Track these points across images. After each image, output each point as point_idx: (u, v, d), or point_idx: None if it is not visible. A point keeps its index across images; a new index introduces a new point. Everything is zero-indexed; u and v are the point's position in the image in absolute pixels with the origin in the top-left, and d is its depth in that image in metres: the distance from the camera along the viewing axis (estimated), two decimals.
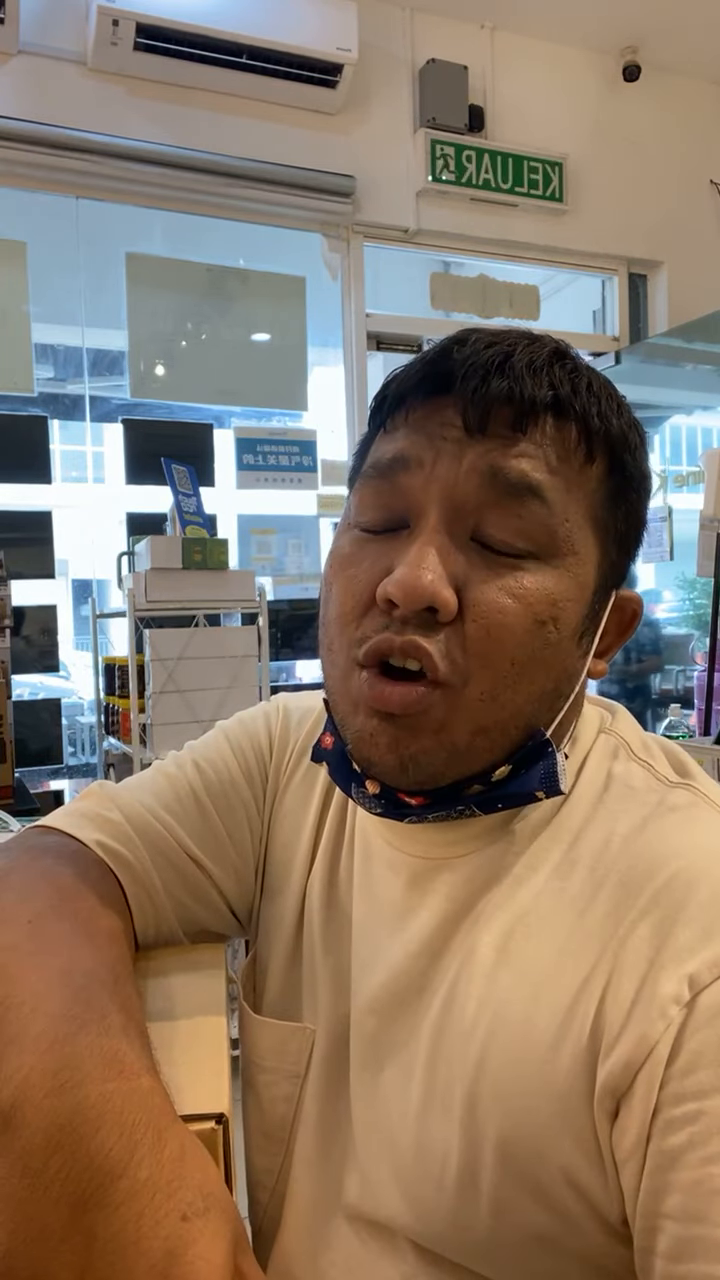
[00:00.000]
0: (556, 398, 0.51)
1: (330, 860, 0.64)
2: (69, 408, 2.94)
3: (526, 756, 0.52)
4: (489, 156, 3.02)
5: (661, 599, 3.48)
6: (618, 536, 0.54)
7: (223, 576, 2.41)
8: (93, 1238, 0.35)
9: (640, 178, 3.27)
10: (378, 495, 0.53)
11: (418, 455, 0.51)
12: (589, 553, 0.52)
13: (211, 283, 2.92)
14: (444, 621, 0.49)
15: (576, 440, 0.51)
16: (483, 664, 0.49)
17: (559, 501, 0.50)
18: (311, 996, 0.62)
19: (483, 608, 0.49)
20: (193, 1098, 0.40)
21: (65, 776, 2.90)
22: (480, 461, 0.50)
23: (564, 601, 0.50)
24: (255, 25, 2.59)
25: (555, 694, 0.52)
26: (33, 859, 0.58)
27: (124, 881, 0.60)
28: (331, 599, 0.54)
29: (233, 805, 0.66)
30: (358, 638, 0.52)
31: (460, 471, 0.50)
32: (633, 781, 0.55)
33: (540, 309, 3.29)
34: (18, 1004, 0.44)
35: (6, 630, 2.31)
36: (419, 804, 0.52)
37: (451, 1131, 0.51)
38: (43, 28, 2.52)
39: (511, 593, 0.49)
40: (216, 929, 0.67)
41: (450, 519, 0.50)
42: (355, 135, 2.90)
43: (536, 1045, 0.49)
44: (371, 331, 3.06)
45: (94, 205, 2.71)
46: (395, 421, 0.53)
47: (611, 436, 0.53)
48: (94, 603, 2.78)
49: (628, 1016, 0.45)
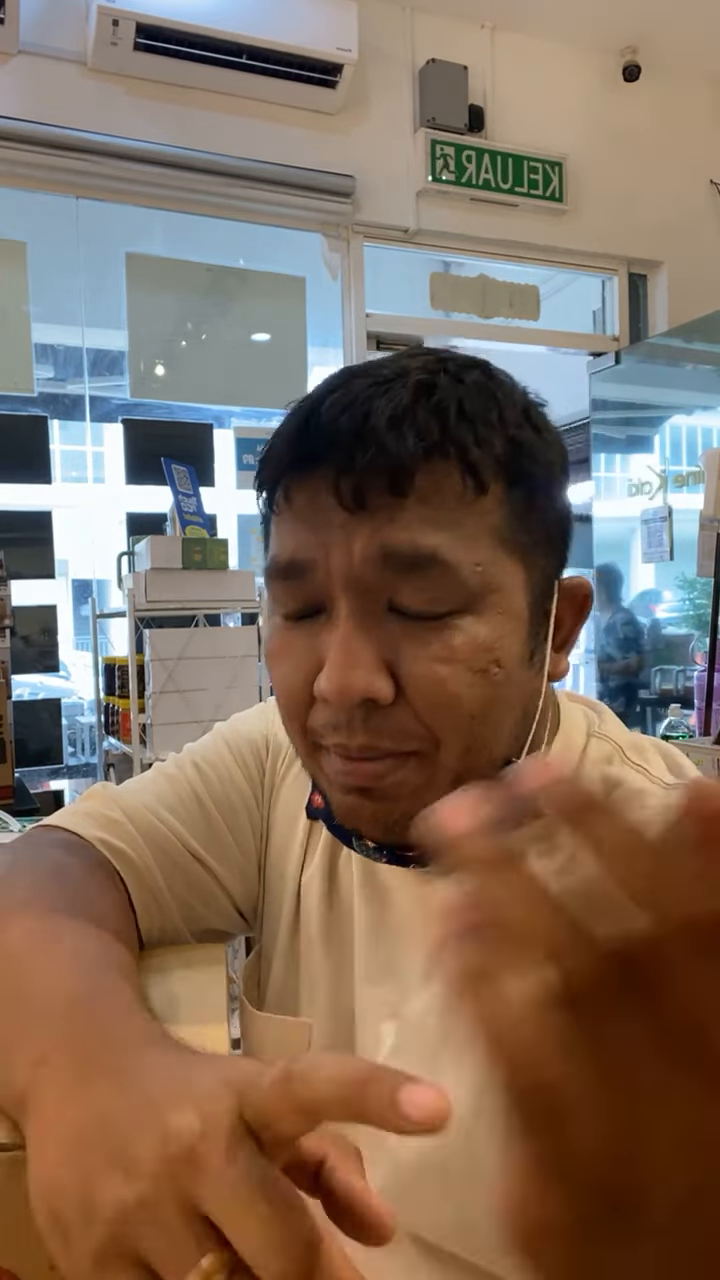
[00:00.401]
0: (427, 448, 0.48)
1: (328, 855, 0.64)
2: (69, 408, 2.94)
3: None
4: (489, 156, 3.02)
5: (661, 599, 3.48)
6: (538, 544, 0.53)
7: (223, 576, 2.41)
8: (139, 1080, 0.36)
9: (640, 178, 3.27)
10: (287, 593, 0.53)
11: (309, 556, 0.50)
12: (513, 580, 0.51)
13: (211, 283, 2.92)
14: (386, 704, 0.49)
15: (461, 479, 0.49)
16: (444, 728, 0.50)
17: (462, 554, 0.48)
18: (310, 991, 0.63)
19: (420, 681, 0.49)
20: None
21: (65, 776, 2.90)
22: (369, 545, 0.48)
23: (498, 642, 0.50)
24: (255, 25, 2.59)
25: (523, 720, 0.53)
26: (38, 858, 0.59)
27: (128, 881, 0.61)
28: (277, 685, 0.55)
29: (233, 804, 0.67)
30: (310, 727, 0.53)
31: (355, 560, 0.48)
32: (632, 786, 0.55)
33: (540, 309, 3.29)
34: (33, 995, 0.45)
35: (6, 630, 2.31)
36: (418, 853, 0.54)
37: (460, 1125, 0.51)
38: (43, 28, 2.52)
39: (442, 659, 0.49)
40: (222, 927, 0.68)
41: (361, 602, 0.49)
42: (355, 135, 2.90)
43: None
44: (371, 331, 3.06)
45: (94, 205, 2.71)
46: (279, 505, 0.52)
47: (498, 458, 0.50)
48: (94, 603, 2.78)
49: None
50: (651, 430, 3.43)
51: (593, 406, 3.40)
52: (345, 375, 0.51)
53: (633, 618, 3.52)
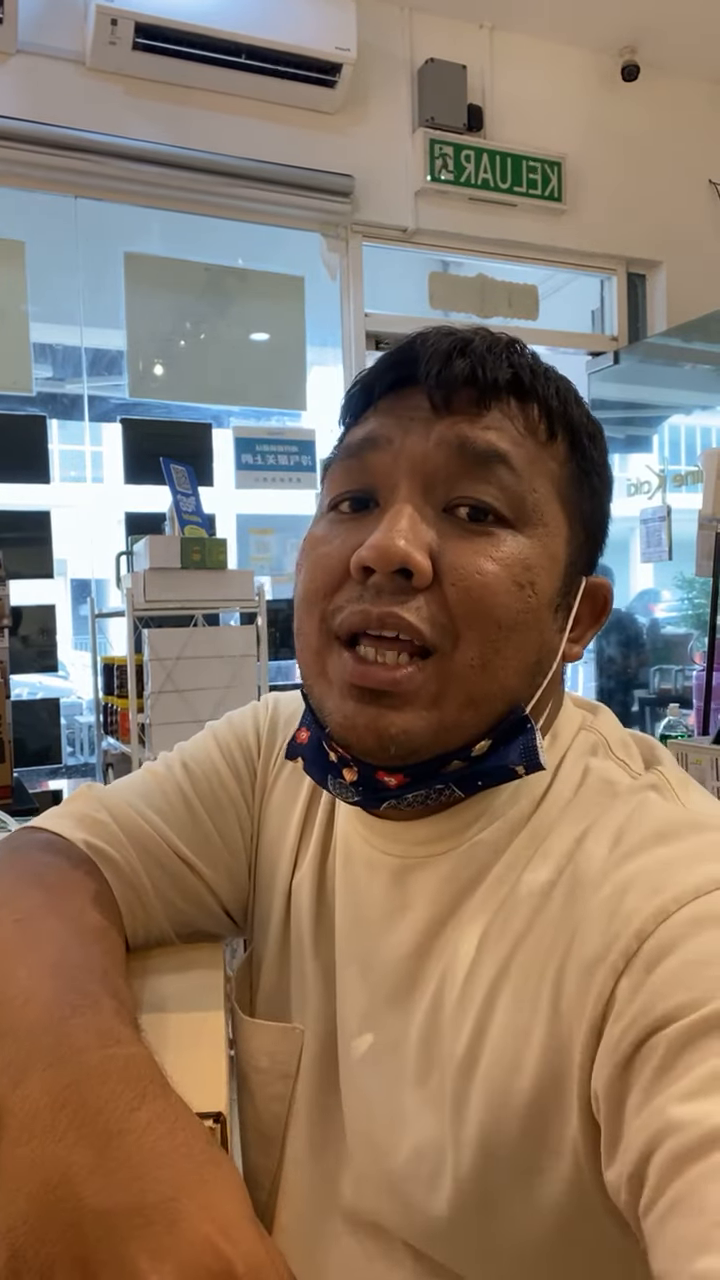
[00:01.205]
0: (517, 377, 0.53)
1: (318, 859, 0.63)
2: (67, 407, 2.94)
3: (506, 732, 0.52)
4: (488, 156, 3.02)
5: (660, 599, 3.48)
6: (584, 517, 0.55)
7: (221, 576, 2.41)
8: (127, 1158, 0.35)
9: (639, 177, 3.27)
10: (348, 474, 0.54)
11: (386, 434, 0.53)
12: (558, 526, 0.53)
13: (210, 282, 2.92)
14: (420, 587, 0.49)
15: (538, 418, 0.53)
16: (469, 625, 0.49)
17: (525, 471, 0.52)
18: (300, 996, 0.62)
19: (460, 570, 0.49)
20: (190, 1097, 0.40)
21: (64, 776, 2.90)
22: (448, 433, 0.51)
23: (538, 568, 0.51)
24: (254, 25, 2.59)
25: (536, 668, 0.53)
26: (19, 859, 0.58)
27: (112, 882, 0.60)
28: (302, 579, 0.54)
29: (222, 804, 0.66)
30: (331, 610, 0.52)
31: (429, 444, 0.51)
32: (608, 776, 0.55)
33: (539, 309, 3.29)
34: (8, 999, 0.44)
35: (5, 630, 2.31)
36: (398, 783, 0.52)
37: (441, 1132, 0.51)
38: (41, 27, 2.52)
39: (488, 556, 0.50)
40: (210, 929, 0.67)
41: (422, 490, 0.51)
42: (354, 135, 2.90)
43: (512, 1039, 0.49)
44: (370, 331, 3.06)
45: (92, 205, 2.71)
46: (364, 415, 0.55)
47: (571, 418, 0.55)
48: (92, 602, 2.78)
49: (586, 992, 0.45)
50: (650, 430, 3.43)
51: (592, 406, 3.39)
52: (443, 325, 0.57)
53: (630, 618, 3.52)
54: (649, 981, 0.42)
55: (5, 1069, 0.39)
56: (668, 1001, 0.40)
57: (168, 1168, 0.34)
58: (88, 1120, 0.36)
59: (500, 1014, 0.50)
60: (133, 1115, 0.36)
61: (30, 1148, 0.35)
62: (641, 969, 0.42)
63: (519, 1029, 0.49)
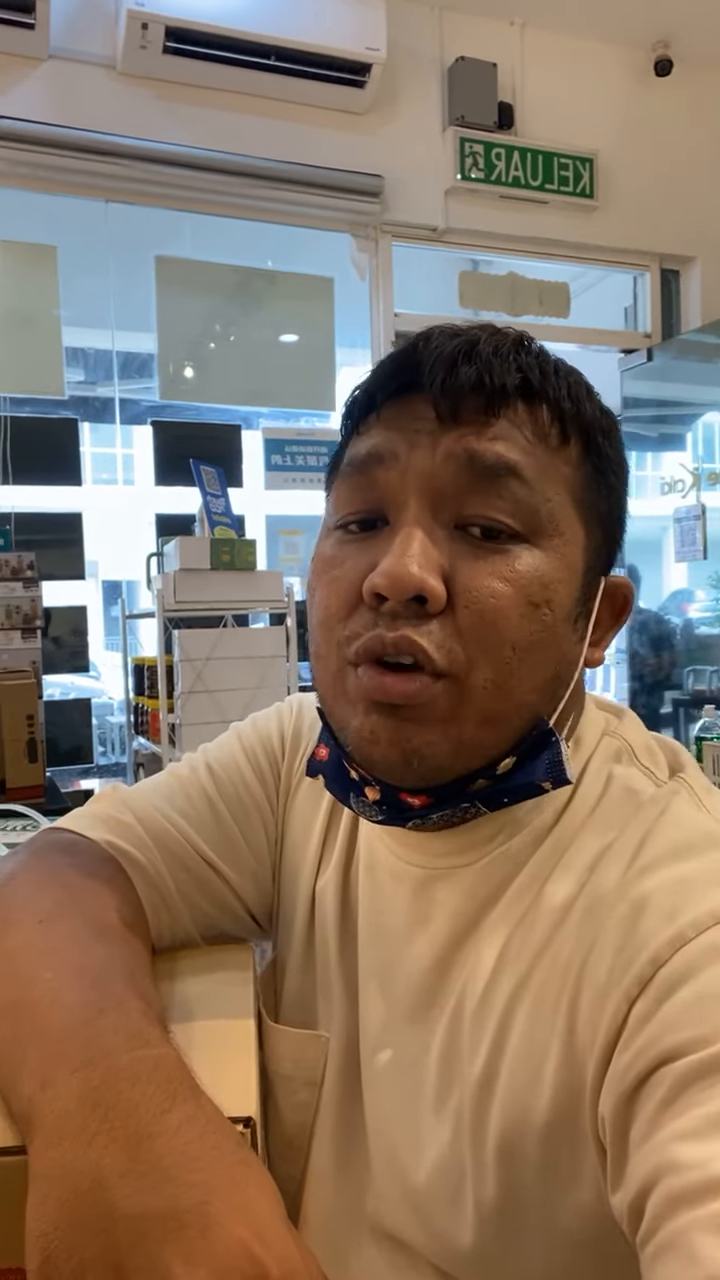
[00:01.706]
0: (526, 381, 0.50)
1: (342, 864, 0.62)
2: (99, 410, 2.97)
3: (531, 748, 0.51)
4: (518, 154, 3.00)
5: (694, 599, 3.44)
6: (601, 518, 0.53)
7: (251, 577, 2.41)
8: (158, 1160, 0.34)
9: (672, 172, 3.23)
10: (355, 491, 0.52)
11: (392, 449, 0.50)
12: (575, 534, 0.51)
13: (240, 284, 2.93)
14: (434, 612, 0.48)
15: (549, 422, 0.51)
16: (482, 650, 0.48)
17: (538, 481, 0.49)
18: (326, 1004, 0.61)
19: (474, 594, 0.48)
20: (220, 1101, 0.39)
21: (95, 776, 2.92)
22: (456, 447, 0.49)
23: (555, 583, 0.49)
24: (283, 26, 2.60)
25: (556, 681, 0.51)
26: (42, 860, 0.58)
27: (136, 883, 0.60)
28: (316, 602, 0.53)
29: (246, 807, 0.65)
30: (346, 636, 0.50)
31: (436, 460, 0.49)
32: (632, 784, 0.54)
33: (570, 306, 3.27)
34: (34, 1002, 0.43)
35: (38, 631, 2.33)
36: (422, 804, 0.51)
37: (461, 1151, 0.50)
38: (73, 32, 2.54)
39: (502, 577, 0.48)
40: (234, 932, 0.66)
41: (432, 508, 0.49)
42: (384, 134, 2.90)
43: (531, 1053, 0.48)
44: (400, 331, 3.05)
45: (123, 209, 2.73)
46: (368, 422, 0.53)
47: (584, 418, 0.52)
48: (123, 603, 2.80)
49: (600, 1014, 0.44)
50: (684, 428, 3.39)
51: (624, 404, 3.37)
52: (447, 325, 0.54)
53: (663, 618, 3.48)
54: (661, 1012, 0.41)
55: (34, 1071, 0.39)
56: (678, 1035, 0.40)
57: (200, 1170, 0.34)
58: (118, 1122, 0.35)
59: (518, 1031, 0.49)
60: (163, 1118, 0.36)
61: (61, 1150, 0.35)
62: (654, 997, 0.42)
63: (536, 1047, 0.48)
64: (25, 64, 2.51)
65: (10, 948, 0.48)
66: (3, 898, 0.54)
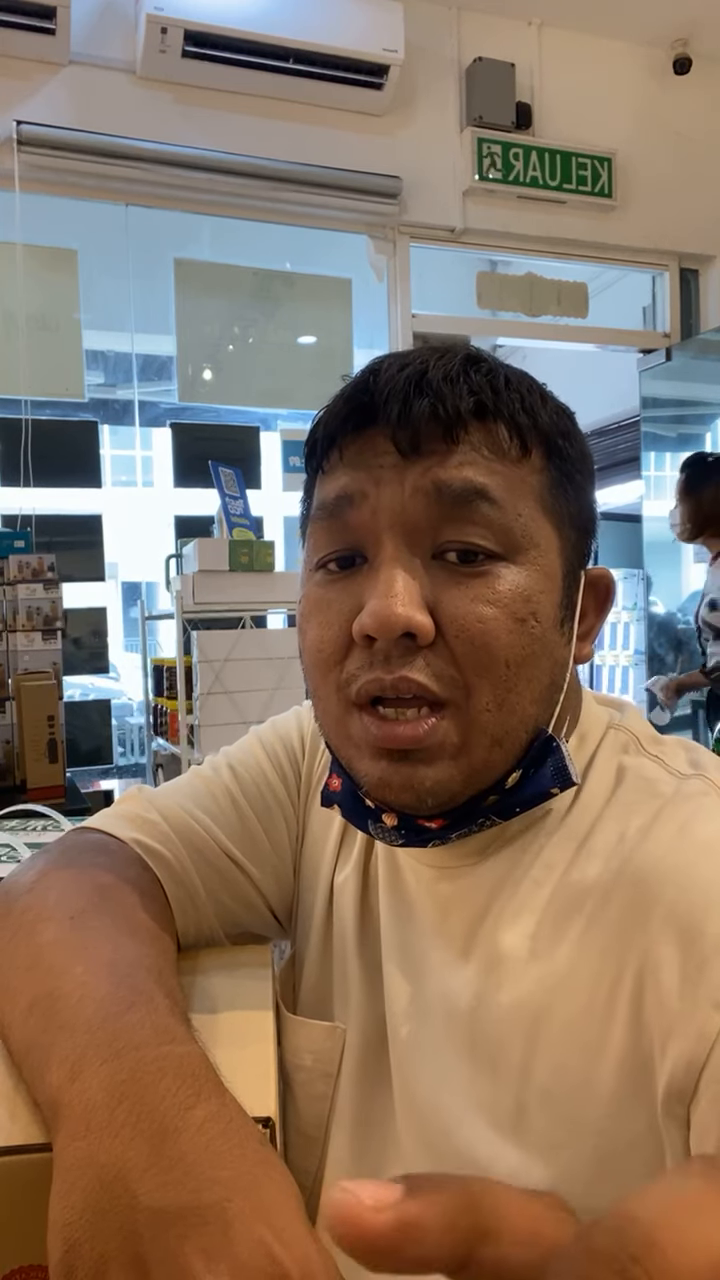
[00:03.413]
0: (479, 403, 0.51)
1: (361, 860, 0.64)
2: (119, 413, 2.99)
3: (535, 758, 0.52)
4: (536, 154, 2.99)
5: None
6: (572, 518, 0.54)
7: (269, 578, 2.42)
8: (182, 1156, 0.35)
9: (691, 171, 3.21)
10: (330, 534, 0.53)
11: (360, 489, 0.51)
12: (549, 541, 0.52)
13: (258, 287, 2.94)
14: (425, 645, 0.49)
15: (508, 438, 0.51)
16: (479, 674, 0.49)
17: (506, 499, 0.50)
18: (343, 995, 0.62)
19: (461, 621, 0.49)
20: (240, 1099, 0.40)
21: (115, 776, 2.94)
22: (422, 480, 0.50)
23: (537, 595, 0.51)
24: (301, 29, 2.60)
25: (552, 687, 0.53)
26: (74, 859, 0.59)
27: (164, 881, 0.61)
28: (309, 646, 0.54)
29: (269, 806, 0.67)
30: (344, 679, 0.52)
31: (405, 495, 0.50)
32: (645, 774, 0.54)
33: (589, 306, 3.26)
34: (65, 994, 0.44)
35: (58, 632, 2.35)
36: (439, 826, 0.52)
37: (501, 1142, 0.50)
38: (93, 38, 2.56)
39: (486, 600, 0.49)
40: (257, 930, 0.67)
41: (407, 543, 0.50)
42: (401, 136, 2.90)
43: (578, 1049, 0.48)
44: (418, 332, 3.05)
45: (143, 212, 2.75)
46: (330, 461, 0.53)
47: (541, 427, 0.53)
48: (143, 605, 2.81)
49: (677, 1015, 0.44)
50: (703, 427, 3.37)
51: (643, 404, 3.35)
52: (395, 353, 0.55)
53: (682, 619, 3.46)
54: None
55: (62, 1062, 0.40)
56: None
57: (222, 1167, 0.34)
58: (144, 1116, 0.36)
59: (555, 1020, 0.49)
60: (188, 1114, 0.36)
61: (87, 1142, 0.36)
62: None
63: (588, 1039, 0.48)
64: (46, 70, 2.53)
65: (43, 942, 0.49)
66: (36, 894, 0.55)
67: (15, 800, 1.57)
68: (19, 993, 0.47)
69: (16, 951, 0.50)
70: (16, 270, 2.59)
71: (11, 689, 2.25)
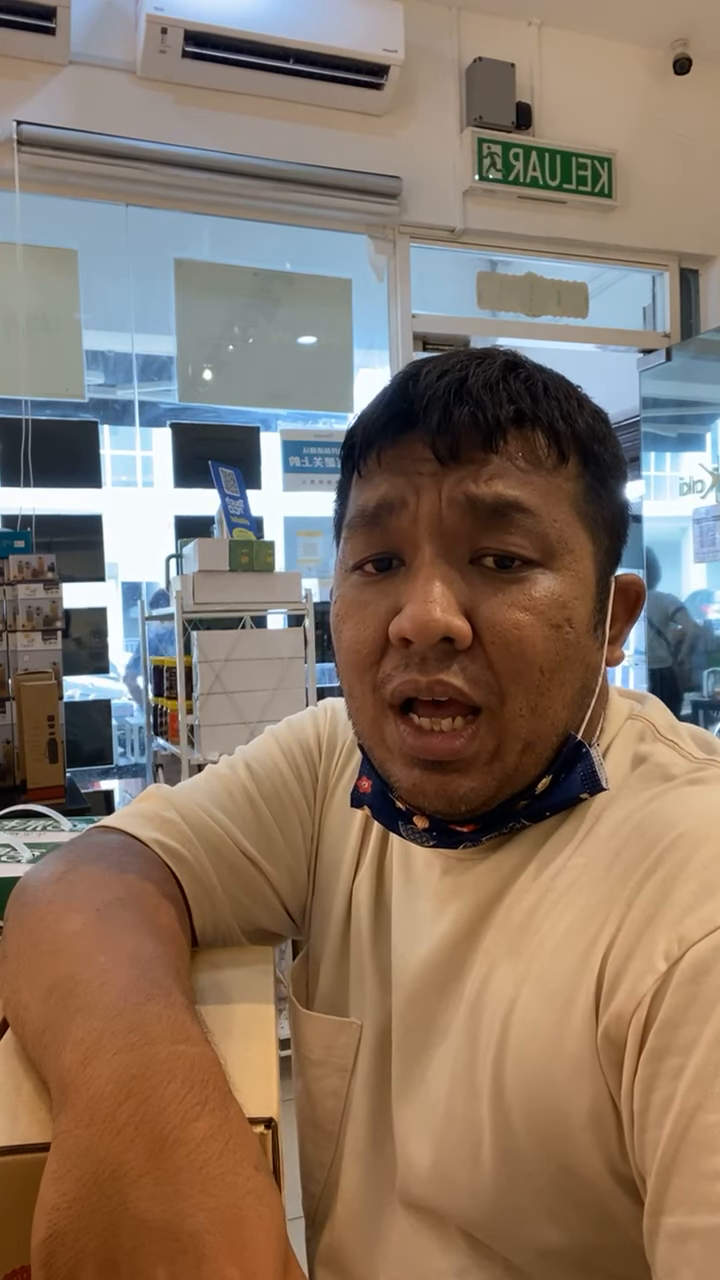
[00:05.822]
0: (518, 411, 0.51)
1: (377, 858, 0.65)
2: (119, 413, 2.98)
3: (565, 763, 0.53)
4: (536, 154, 2.99)
5: (714, 599, 3.41)
6: (605, 523, 0.55)
7: (269, 578, 2.42)
8: (177, 1172, 0.35)
9: (691, 171, 3.21)
10: (369, 539, 0.54)
11: (400, 496, 0.52)
12: (583, 547, 0.53)
13: (258, 287, 2.94)
14: (462, 649, 0.50)
15: (546, 446, 0.52)
16: (514, 679, 0.50)
17: (541, 507, 0.51)
18: (359, 991, 0.63)
19: (498, 627, 0.50)
20: (241, 1098, 0.40)
21: (115, 777, 2.94)
22: (456, 492, 0.51)
23: (572, 601, 0.51)
24: (301, 29, 2.60)
25: (584, 691, 0.54)
26: (100, 854, 0.60)
27: (182, 879, 0.62)
28: (344, 645, 0.55)
29: (284, 805, 0.68)
30: (380, 680, 0.53)
31: (442, 504, 0.51)
32: (659, 759, 0.55)
33: (589, 306, 3.26)
34: (86, 980, 0.45)
35: (59, 632, 2.35)
36: (471, 830, 0.54)
37: (480, 1108, 0.51)
38: (93, 38, 2.56)
39: (522, 606, 0.50)
40: (272, 928, 0.68)
41: (445, 549, 0.51)
42: (402, 136, 2.90)
43: (551, 1009, 0.49)
44: (418, 332, 3.05)
45: (143, 212, 2.74)
46: (369, 466, 0.54)
47: (578, 433, 0.53)
48: (143, 605, 2.81)
49: (622, 970, 0.45)
50: (703, 428, 3.36)
51: (643, 404, 3.35)
52: (432, 358, 0.55)
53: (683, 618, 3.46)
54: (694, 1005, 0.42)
55: (77, 1045, 0.40)
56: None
57: (211, 1194, 0.34)
58: (147, 1118, 0.36)
59: (535, 985, 0.50)
60: (191, 1126, 0.36)
61: (89, 1132, 0.36)
62: (680, 985, 0.42)
63: (553, 997, 0.49)
64: (46, 70, 2.53)
65: (68, 931, 0.50)
66: (65, 885, 0.56)
67: (15, 800, 1.56)
68: (40, 976, 0.47)
69: (41, 938, 0.51)
70: (16, 270, 2.59)
71: (11, 689, 2.25)
